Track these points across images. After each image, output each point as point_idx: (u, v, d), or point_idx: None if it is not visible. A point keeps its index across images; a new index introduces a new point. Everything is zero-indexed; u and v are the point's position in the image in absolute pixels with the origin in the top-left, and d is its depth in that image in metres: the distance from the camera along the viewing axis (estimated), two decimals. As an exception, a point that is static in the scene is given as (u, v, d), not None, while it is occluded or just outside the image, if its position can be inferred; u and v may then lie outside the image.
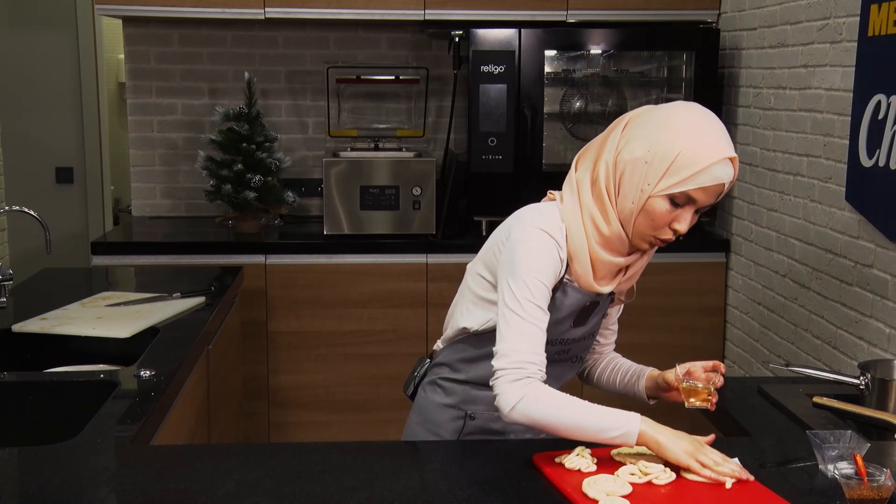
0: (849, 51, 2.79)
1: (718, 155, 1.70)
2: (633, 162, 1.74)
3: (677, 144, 1.71)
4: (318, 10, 3.79)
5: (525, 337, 1.72)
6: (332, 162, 3.76)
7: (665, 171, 1.71)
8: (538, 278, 1.75)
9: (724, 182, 1.72)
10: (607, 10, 3.83)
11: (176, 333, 2.50)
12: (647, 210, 1.74)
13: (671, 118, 1.75)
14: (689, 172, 1.70)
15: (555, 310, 1.82)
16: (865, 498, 1.50)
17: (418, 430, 2.00)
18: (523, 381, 1.69)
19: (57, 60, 5.23)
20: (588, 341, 1.98)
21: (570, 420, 1.68)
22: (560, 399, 1.70)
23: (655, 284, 3.77)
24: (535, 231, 1.78)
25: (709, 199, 1.74)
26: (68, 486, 1.60)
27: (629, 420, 1.68)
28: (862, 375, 2.07)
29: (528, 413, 1.68)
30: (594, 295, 1.86)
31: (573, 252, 1.80)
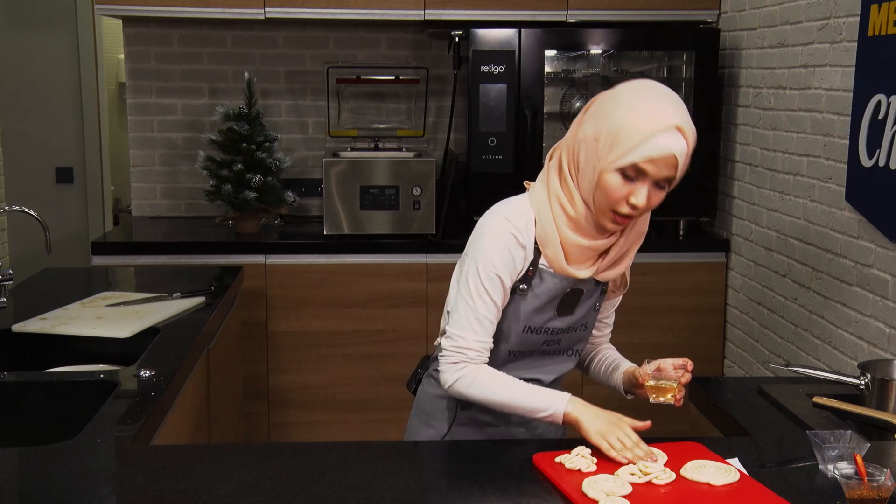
0: (849, 51, 2.79)
1: (661, 125, 1.71)
2: (585, 141, 1.79)
3: (622, 118, 1.74)
4: (318, 10, 3.79)
5: (471, 326, 1.83)
6: (332, 162, 3.76)
7: (612, 145, 1.74)
8: (492, 269, 1.82)
9: (672, 152, 1.72)
10: (607, 10, 3.83)
11: (176, 333, 2.50)
12: (601, 186, 1.76)
13: (619, 95, 1.79)
14: (632, 143, 1.72)
15: (533, 296, 1.86)
16: (865, 498, 1.50)
17: (415, 423, 2.05)
18: (461, 365, 1.84)
19: (57, 60, 5.23)
20: (580, 333, 1.98)
21: (502, 399, 1.83)
22: (494, 380, 1.83)
23: (655, 284, 3.78)
24: (496, 219, 1.85)
25: (661, 171, 1.74)
26: (68, 486, 1.60)
27: (557, 401, 1.80)
28: (862, 375, 2.07)
29: (462, 392, 1.85)
30: (574, 281, 1.87)
31: (542, 237, 1.84)
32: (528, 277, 1.85)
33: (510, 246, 1.83)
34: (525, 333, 1.90)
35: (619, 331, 3.86)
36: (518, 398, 1.82)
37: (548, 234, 1.84)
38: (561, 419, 1.79)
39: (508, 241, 1.83)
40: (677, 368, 1.89)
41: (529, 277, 1.85)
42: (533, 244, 1.84)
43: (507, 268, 1.83)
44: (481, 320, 1.83)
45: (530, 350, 1.94)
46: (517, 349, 1.92)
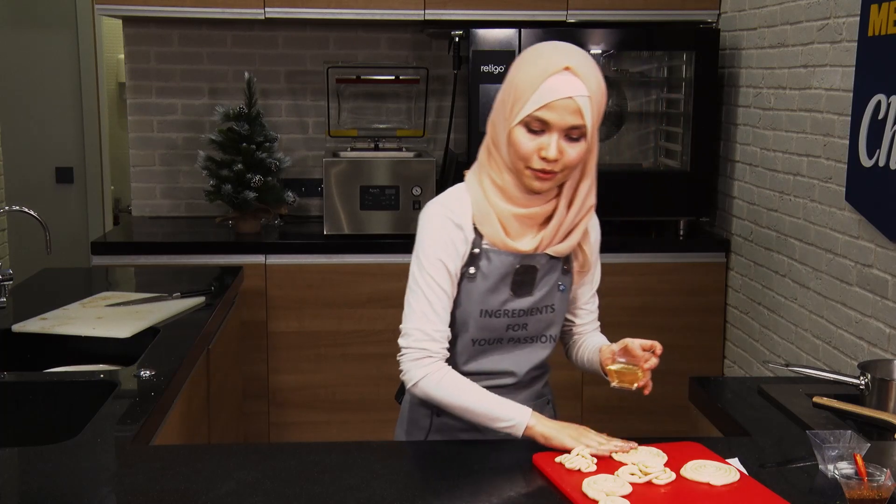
0: (849, 51, 2.79)
1: (549, 69, 1.73)
2: (497, 108, 1.84)
3: (517, 75, 1.79)
4: (318, 10, 3.79)
5: (426, 318, 1.83)
6: (332, 162, 3.76)
7: (512, 102, 1.78)
8: (434, 255, 1.83)
9: (569, 95, 1.73)
10: (607, 10, 3.83)
11: (176, 333, 2.50)
12: (511, 143, 1.79)
13: (520, 57, 1.83)
14: (527, 95, 1.74)
15: (482, 277, 1.86)
16: (865, 498, 1.50)
17: (399, 432, 2.04)
18: (425, 361, 1.82)
19: (57, 60, 5.24)
20: (547, 316, 1.94)
21: (465, 405, 1.81)
22: (459, 385, 1.82)
23: (655, 284, 3.78)
24: (432, 207, 1.88)
25: (564, 118, 1.74)
26: (68, 486, 1.60)
27: (520, 414, 1.78)
28: (862, 375, 2.07)
29: (427, 392, 1.83)
30: (521, 257, 1.86)
31: (479, 215, 1.85)
32: (473, 259, 1.85)
33: (447, 229, 1.84)
34: (484, 318, 1.88)
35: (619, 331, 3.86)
36: (481, 406, 1.81)
37: (483, 210, 1.84)
38: (521, 432, 1.77)
39: (444, 225, 1.84)
40: (645, 350, 1.84)
41: (475, 259, 1.85)
42: (471, 225, 1.85)
43: (449, 252, 1.84)
44: (434, 308, 1.83)
45: (497, 337, 1.91)
46: (481, 336, 1.90)
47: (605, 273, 3.76)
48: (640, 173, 4.03)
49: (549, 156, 1.76)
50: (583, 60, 1.77)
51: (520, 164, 1.79)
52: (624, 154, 4.06)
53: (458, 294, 1.88)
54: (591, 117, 1.76)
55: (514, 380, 1.94)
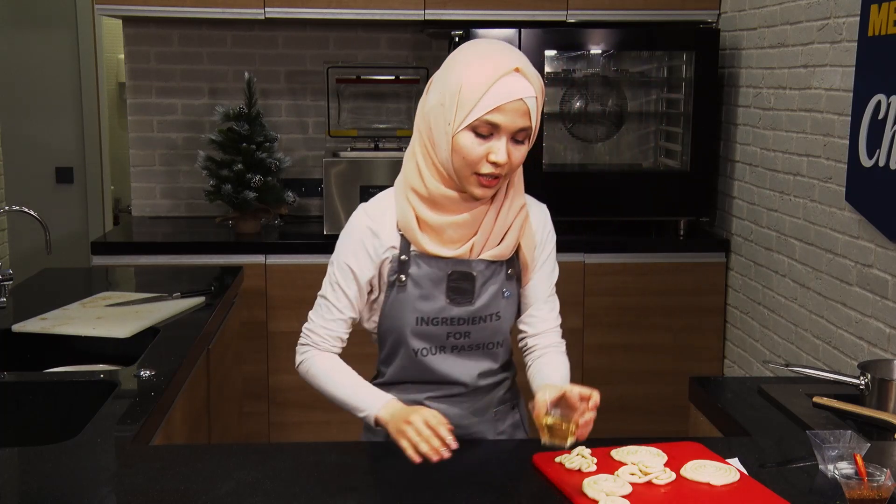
0: (849, 51, 2.79)
1: (498, 72, 1.68)
2: (432, 110, 1.75)
3: (458, 77, 1.70)
4: (318, 10, 3.79)
5: (320, 312, 1.87)
6: (332, 162, 3.76)
7: (456, 105, 1.70)
8: (343, 259, 1.84)
9: (518, 97, 1.68)
10: (607, 10, 3.83)
11: (176, 333, 2.50)
12: (457, 149, 1.71)
13: (451, 58, 1.77)
14: (475, 98, 1.68)
15: (413, 284, 1.82)
16: (865, 498, 1.50)
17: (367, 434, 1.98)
18: (305, 348, 1.88)
19: (57, 60, 5.24)
20: (493, 324, 1.86)
21: (331, 392, 1.84)
22: (328, 370, 1.85)
23: (655, 284, 3.78)
24: (356, 212, 1.87)
25: (514, 120, 1.69)
26: (68, 486, 1.60)
27: (373, 405, 1.76)
28: (862, 375, 2.07)
29: (304, 377, 1.89)
30: (454, 263, 1.81)
31: (402, 222, 1.82)
32: (402, 266, 1.81)
33: (362, 236, 1.82)
34: (421, 326, 1.83)
35: (619, 331, 3.89)
36: (343, 394, 1.81)
37: (404, 219, 1.81)
38: (374, 422, 1.75)
39: (361, 232, 1.83)
40: (583, 399, 1.62)
41: (404, 266, 1.81)
42: (394, 232, 1.82)
43: (359, 258, 1.82)
44: (330, 309, 1.85)
45: (438, 345, 1.85)
46: (420, 346, 1.85)
47: (605, 273, 3.79)
48: (640, 173, 4.03)
49: (500, 160, 1.70)
50: (525, 60, 1.74)
51: (466, 171, 1.73)
52: (624, 154, 4.06)
53: (390, 303, 1.84)
54: (536, 118, 1.73)
55: (466, 389, 1.89)
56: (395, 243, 1.82)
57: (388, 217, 1.83)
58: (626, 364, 3.78)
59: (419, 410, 1.67)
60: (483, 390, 1.91)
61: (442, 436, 1.61)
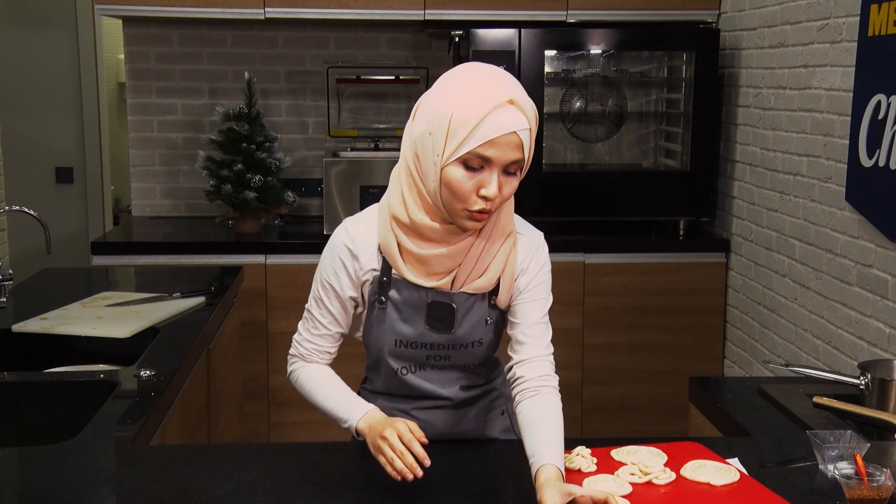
0: (849, 51, 2.79)
1: (491, 103, 1.57)
2: (420, 138, 1.65)
3: (449, 107, 1.60)
4: (318, 10, 3.79)
5: (306, 326, 1.85)
6: (332, 162, 3.76)
7: (445, 137, 1.59)
8: (325, 277, 1.80)
9: (512, 130, 1.57)
10: (607, 10, 3.83)
11: (176, 333, 2.50)
12: (445, 182, 1.61)
13: (442, 83, 1.66)
14: (467, 131, 1.57)
15: (393, 307, 1.77)
16: (865, 498, 1.50)
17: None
18: (295, 358, 1.87)
19: (57, 60, 5.23)
20: (475, 350, 1.81)
21: (318, 402, 1.81)
22: (316, 382, 1.83)
23: (655, 284, 3.78)
24: (338, 228, 1.82)
25: (506, 154, 1.58)
26: (68, 486, 1.60)
27: (354, 415, 1.73)
28: (862, 375, 2.07)
29: (295, 385, 1.87)
30: (433, 293, 1.74)
31: (384, 246, 1.74)
32: (383, 288, 1.76)
33: (341, 256, 1.76)
34: (399, 348, 1.79)
35: (619, 331, 3.88)
36: (329, 404, 1.78)
37: (388, 244, 1.73)
38: (355, 433, 1.71)
39: (340, 252, 1.77)
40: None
41: (385, 288, 1.76)
42: (375, 255, 1.75)
43: (341, 278, 1.77)
44: (316, 325, 1.82)
45: (418, 364, 1.82)
46: (400, 364, 1.82)
47: (606, 273, 3.79)
48: (640, 173, 4.03)
49: (490, 194, 1.60)
50: (520, 90, 1.63)
51: (456, 206, 1.63)
52: (624, 154, 4.06)
53: (372, 320, 1.81)
54: (530, 150, 1.63)
55: (451, 402, 1.86)
56: (377, 265, 1.76)
57: (369, 239, 1.76)
58: (626, 364, 3.78)
59: (394, 423, 1.62)
60: (469, 401, 1.89)
61: (415, 451, 1.57)
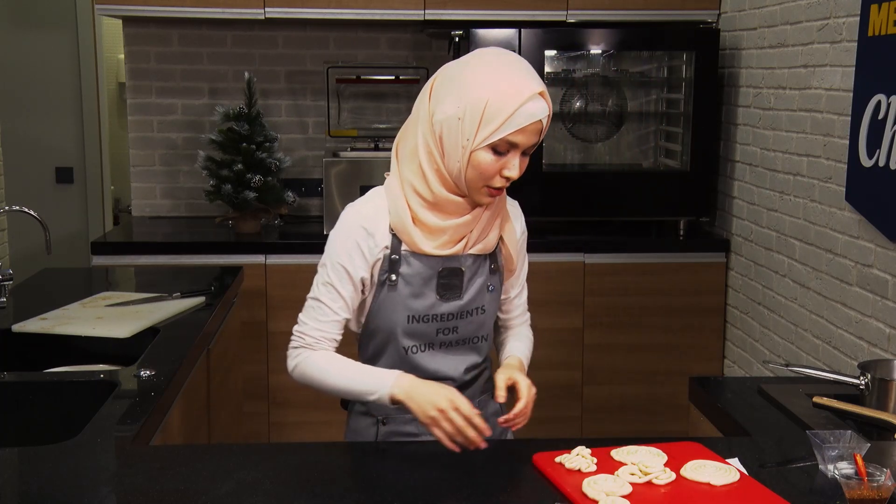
0: (849, 51, 2.79)
1: (524, 95, 1.72)
2: (447, 121, 1.76)
3: (483, 94, 1.72)
4: (318, 10, 3.79)
5: (311, 314, 1.86)
6: (332, 162, 3.76)
7: (479, 123, 1.73)
8: (337, 259, 1.83)
9: (539, 118, 1.74)
10: (607, 10, 3.83)
11: (176, 333, 2.50)
12: (473, 165, 1.75)
13: (470, 69, 1.77)
14: (501, 119, 1.71)
15: (404, 283, 1.84)
16: (865, 498, 1.50)
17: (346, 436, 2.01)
18: (298, 350, 1.86)
19: (57, 60, 5.23)
20: (478, 318, 1.91)
21: (334, 384, 1.83)
22: (326, 365, 1.83)
23: (655, 284, 3.78)
24: (347, 212, 1.86)
25: (529, 139, 1.75)
26: (68, 486, 1.60)
27: (383, 384, 1.76)
28: (862, 375, 2.07)
29: (301, 378, 1.86)
30: (444, 260, 1.84)
31: (397, 224, 1.83)
32: (393, 266, 1.83)
33: (357, 236, 1.82)
34: (412, 324, 1.86)
35: (619, 331, 3.89)
36: (348, 381, 1.81)
37: (402, 221, 1.81)
38: (388, 401, 1.76)
39: (355, 232, 1.83)
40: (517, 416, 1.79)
41: (395, 265, 1.83)
42: (387, 232, 1.83)
43: (354, 258, 1.82)
44: (323, 310, 1.84)
45: (428, 342, 1.89)
46: (411, 343, 1.88)
47: (606, 273, 3.79)
48: (640, 173, 4.03)
49: (514, 176, 1.77)
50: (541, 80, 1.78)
51: (478, 184, 1.78)
52: (624, 154, 4.06)
53: (380, 302, 1.85)
54: (545, 132, 1.80)
55: (455, 383, 1.91)
56: (388, 243, 1.83)
57: (381, 217, 1.84)
58: (626, 364, 3.78)
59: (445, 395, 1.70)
60: (469, 382, 1.95)
61: (477, 424, 1.68)
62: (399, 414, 1.90)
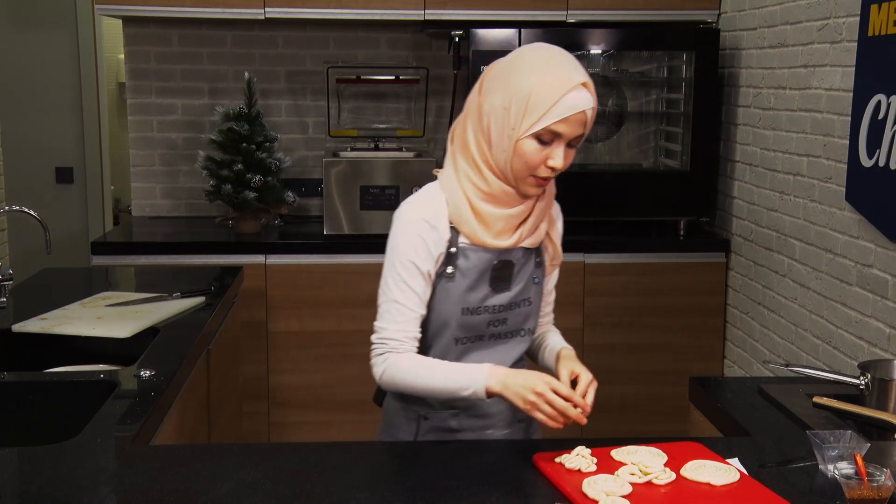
0: (849, 51, 2.79)
1: (568, 85, 1.76)
2: (494, 112, 1.81)
3: (527, 84, 1.77)
4: (318, 10, 3.79)
5: (390, 315, 1.86)
6: (332, 162, 3.76)
7: (523, 112, 1.77)
8: (405, 257, 1.85)
9: (583, 109, 1.77)
10: (607, 10, 3.83)
11: (176, 333, 2.50)
12: (518, 154, 1.79)
13: (518, 62, 1.83)
14: (545, 108, 1.75)
15: (461, 276, 1.87)
16: (865, 498, 1.50)
17: (383, 436, 2.03)
18: (384, 356, 1.86)
19: (57, 60, 5.24)
20: (525, 309, 1.96)
21: (425, 386, 1.84)
22: (414, 368, 1.84)
23: (655, 284, 3.78)
24: (405, 208, 1.89)
25: (574, 129, 1.78)
26: (68, 486, 1.60)
27: (476, 378, 1.79)
28: (862, 375, 2.07)
29: (391, 384, 1.88)
30: (499, 253, 1.88)
31: (456, 216, 1.86)
32: (451, 258, 1.87)
33: (421, 231, 1.85)
34: (465, 316, 1.89)
35: (619, 331, 3.89)
36: (440, 380, 1.83)
37: (461, 212, 1.85)
38: (484, 394, 1.79)
39: (419, 227, 1.85)
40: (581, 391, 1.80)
41: (453, 258, 1.87)
42: (447, 224, 1.86)
43: (422, 253, 1.85)
44: (401, 310, 1.86)
45: (478, 335, 1.92)
46: (462, 335, 1.91)
47: (606, 273, 3.79)
48: (640, 173, 4.03)
49: (557, 166, 1.80)
50: (586, 73, 1.81)
51: (524, 174, 1.81)
52: (624, 154, 4.06)
53: (436, 294, 1.88)
54: (590, 125, 1.82)
55: None
56: (448, 236, 1.87)
57: (440, 211, 1.87)
58: (626, 364, 3.78)
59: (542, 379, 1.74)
60: None
61: (578, 403, 1.72)
62: (443, 409, 1.93)
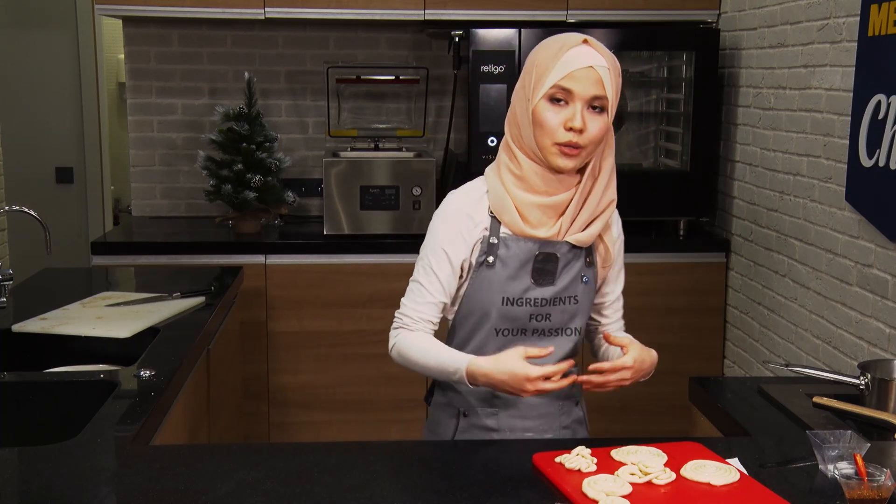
0: (849, 51, 2.79)
1: (569, 42, 1.81)
2: (516, 94, 1.89)
3: (534, 57, 1.86)
4: (318, 10, 3.79)
5: (412, 295, 1.93)
6: (332, 162, 3.76)
7: (534, 82, 1.83)
8: (437, 243, 1.91)
9: (589, 64, 1.80)
10: (607, 10, 3.83)
11: (176, 333, 2.50)
12: (537, 122, 1.83)
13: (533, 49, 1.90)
14: (550, 68, 1.81)
15: (501, 265, 1.90)
16: (865, 498, 1.50)
17: (427, 434, 2.06)
18: (397, 331, 1.93)
19: (57, 60, 5.24)
20: (571, 307, 1.95)
21: (424, 365, 1.88)
22: (418, 346, 1.89)
23: (655, 284, 3.78)
24: (448, 198, 1.95)
25: (587, 88, 1.81)
26: (68, 486, 1.60)
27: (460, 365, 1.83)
28: (862, 375, 2.07)
29: (397, 358, 1.93)
30: (541, 244, 1.89)
31: (496, 205, 1.90)
32: (492, 248, 1.89)
33: (457, 220, 1.90)
34: (506, 306, 1.90)
35: (619, 331, 3.86)
36: (436, 364, 1.87)
37: (501, 200, 1.89)
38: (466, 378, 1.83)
39: (455, 216, 1.91)
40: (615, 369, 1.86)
41: (494, 248, 1.89)
42: (487, 214, 1.90)
43: (454, 241, 1.89)
44: (422, 292, 1.91)
45: (520, 328, 1.92)
46: (503, 326, 1.92)
47: (605, 273, 3.77)
48: (640, 173, 4.03)
49: (576, 125, 1.80)
50: (596, 40, 1.86)
51: (546, 142, 1.83)
52: (624, 154, 4.06)
53: (476, 283, 1.90)
54: (612, 88, 1.84)
55: None
56: (487, 225, 1.90)
57: (481, 200, 1.91)
58: (626, 364, 3.77)
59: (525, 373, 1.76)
60: None
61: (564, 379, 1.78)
62: (482, 407, 1.94)
